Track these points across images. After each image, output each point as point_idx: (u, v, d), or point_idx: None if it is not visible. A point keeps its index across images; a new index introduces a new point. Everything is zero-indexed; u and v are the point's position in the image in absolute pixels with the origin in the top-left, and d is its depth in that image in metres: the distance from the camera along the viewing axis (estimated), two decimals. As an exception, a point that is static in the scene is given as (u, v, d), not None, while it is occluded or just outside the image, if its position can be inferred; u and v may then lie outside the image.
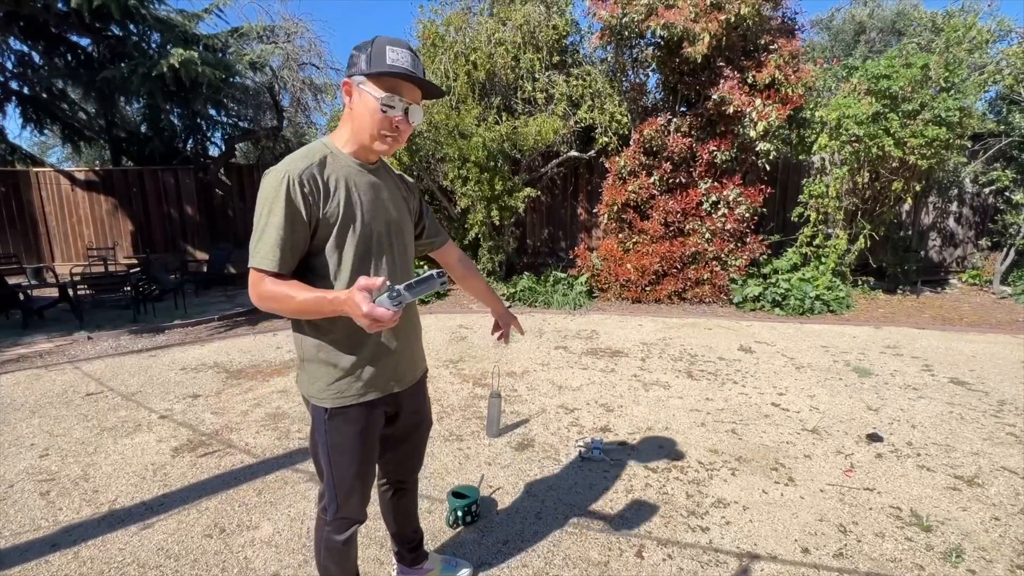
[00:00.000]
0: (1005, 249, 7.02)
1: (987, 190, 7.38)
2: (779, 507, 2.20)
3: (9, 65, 8.92)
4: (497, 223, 7.05)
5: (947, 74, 5.70)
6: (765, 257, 6.55)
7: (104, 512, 2.19)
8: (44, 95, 9.45)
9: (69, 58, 8.84)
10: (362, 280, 1.00)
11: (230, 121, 11.26)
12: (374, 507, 2.17)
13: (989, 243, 7.60)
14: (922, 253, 7.76)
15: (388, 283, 1.01)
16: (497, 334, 1.71)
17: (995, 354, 4.33)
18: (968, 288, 7.30)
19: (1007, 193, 6.93)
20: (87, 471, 2.53)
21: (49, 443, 2.84)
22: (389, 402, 1.34)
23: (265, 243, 1.11)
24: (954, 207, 7.86)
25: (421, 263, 6.80)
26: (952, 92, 5.67)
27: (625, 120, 6.95)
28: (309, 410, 1.30)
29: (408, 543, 1.68)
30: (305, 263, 1.19)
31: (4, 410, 3.31)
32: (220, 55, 8.53)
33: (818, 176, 6.89)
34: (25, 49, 8.76)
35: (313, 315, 1.14)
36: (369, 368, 1.26)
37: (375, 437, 1.34)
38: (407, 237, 1.37)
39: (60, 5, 7.14)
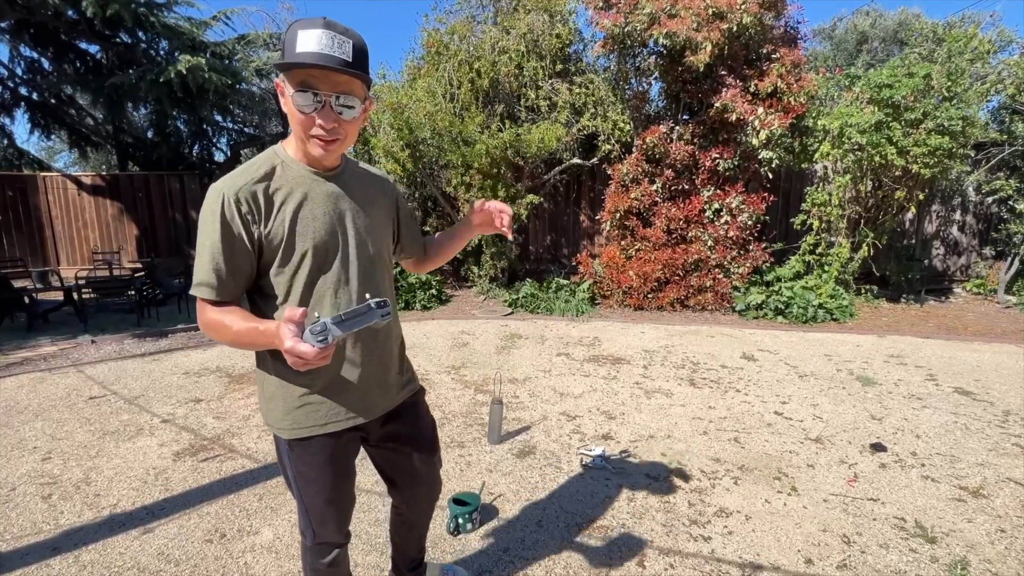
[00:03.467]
0: (1009, 258, 6.99)
1: (990, 199, 7.36)
2: (782, 517, 2.18)
3: (19, 71, 9.05)
4: (500, 229, 7.06)
5: (949, 84, 5.71)
6: (768, 265, 6.54)
7: (105, 516, 2.19)
8: (52, 101, 9.58)
9: (78, 65, 8.97)
10: (287, 311, 0.90)
11: (236, 127, 11.37)
12: (376, 514, 2.17)
13: (993, 252, 7.57)
14: (925, 262, 7.73)
15: (317, 315, 0.91)
16: (494, 228, 1.36)
17: (1000, 364, 4.30)
18: (972, 297, 7.27)
19: (1010, 202, 6.91)
20: (89, 475, 2.53)
21: (51, 446, 2.84)
22: (363, 428, 1.24)
23: (201, 268, 1.03)
24: (957, 216, 7.85)
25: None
26: (954, 101, 5.68)
27: (628, 128, 6.98)
28: (274, 438, 1.22)
29: (410, 562, 1.60)
30: (255, 285, 1.12)
31: (7, 413, 3.32)
32: (227, 62, 8.64)
33: (821, 184, 6.89)
34: (35, 56, 8.89)
35: (251, 347, 1.05)
36: (326, 400, 1.16)
37: (345, 463, 1.24)
38: (377, 250, 1.21)
39: (71, 13, 7.24)
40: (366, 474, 2.10)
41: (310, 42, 0.97)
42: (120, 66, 8.52)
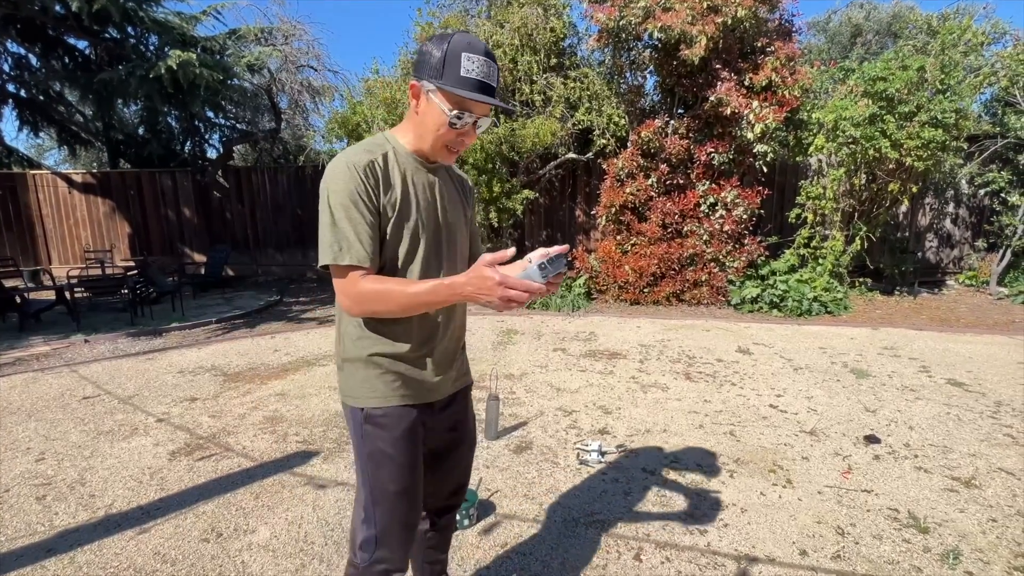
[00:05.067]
0: (1001, 250, 7.04)
1: (983, 191, 7.41)
2: (777, 509, 2.20)
3: (6, 68, 8.90)
4: (496, 225, 7.05)
5: (943, 76, 5.72)
6: (763, 259, 6.57)
7: (100, 516, 2.18)
8: (41, 98, 9.43)
9: (66, 61, 8.83)
10: (487, 256, 0.94)
11: (228, 123, 11.25)
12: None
13: (985, 244, 7.63)
14: (919, 254, 7.78)
15: (528, 256, 0.95)
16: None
17: (992, 355, 4.34)
18: (965, 289, 7.32)
19: (1003, 195, 6.95)
20: (83, 475, 2.52)
21: (45, 447, 2.82)
22: (426, 412, 1.22)
23: (346, 240, 1.03)
24: (950, 208, 7.89)
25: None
26: (948, 94, 5.70)
27: (623, 122, 6.96)
28: (347, 417, 1.18)
29: None
30: None
31: (0, 414, 3.30)
32: (218, 57, 8.53)
33: (815, 178, 6.91)
34: (22, 52, 8.74)
35: (427, 308, 1.06)
36: (407, 372, 1.16)
37: (417, 450, 1.19)
38: (461, 241, 1.26)
39: (58, 8, 7.13)
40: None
41: (475, 69, 1.04)
42: (109, 62, 8.40)
